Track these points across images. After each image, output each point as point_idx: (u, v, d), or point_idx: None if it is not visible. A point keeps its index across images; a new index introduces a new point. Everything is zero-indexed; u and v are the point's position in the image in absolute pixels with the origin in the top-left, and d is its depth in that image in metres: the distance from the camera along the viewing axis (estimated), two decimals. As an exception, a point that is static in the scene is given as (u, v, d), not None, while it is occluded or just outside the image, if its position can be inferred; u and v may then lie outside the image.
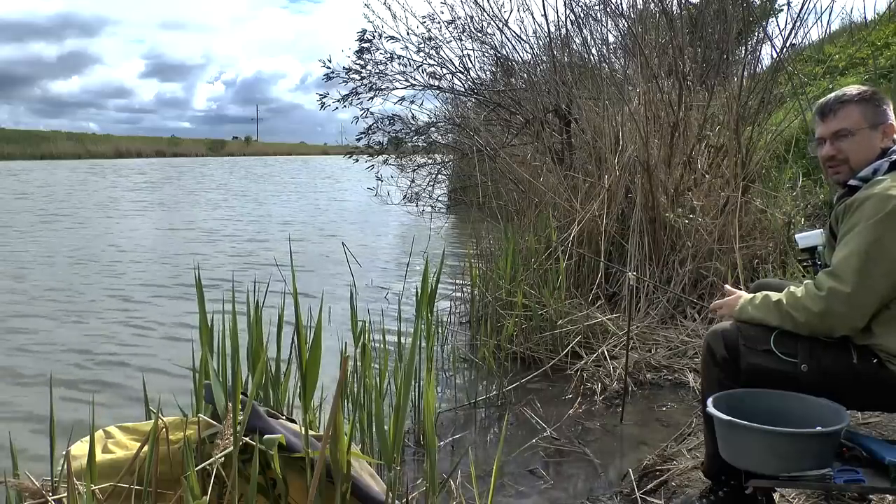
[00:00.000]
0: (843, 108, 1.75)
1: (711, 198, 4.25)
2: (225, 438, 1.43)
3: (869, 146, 1.72)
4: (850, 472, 1.52)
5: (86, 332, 4.45)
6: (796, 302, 1.66)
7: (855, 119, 1.73)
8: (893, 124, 1.74)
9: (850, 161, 1.74)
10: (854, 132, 1.73)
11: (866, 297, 1.58)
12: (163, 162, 42.32)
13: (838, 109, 1.75)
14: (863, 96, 1.74)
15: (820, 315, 1.61)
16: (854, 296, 1.57)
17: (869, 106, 1.73)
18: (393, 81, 8.15)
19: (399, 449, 1.73)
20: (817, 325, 1.63)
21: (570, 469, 2.45)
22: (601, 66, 5.71)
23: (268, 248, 8.15)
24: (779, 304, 1.69)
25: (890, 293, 1.58)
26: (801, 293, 1.66)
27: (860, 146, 1.73)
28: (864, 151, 1.72)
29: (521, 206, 5.36)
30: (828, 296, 1.60)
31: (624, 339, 3.30)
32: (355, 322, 2.38)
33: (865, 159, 1.72)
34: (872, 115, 1.73)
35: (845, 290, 1.57)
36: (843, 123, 1.74)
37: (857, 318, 1.60)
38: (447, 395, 3.18)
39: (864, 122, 1.73)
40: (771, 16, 5.18)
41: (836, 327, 1.62)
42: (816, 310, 1.61)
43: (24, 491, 1.38)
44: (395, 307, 3.33)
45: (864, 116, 1.73)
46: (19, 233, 9.45)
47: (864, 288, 1.57)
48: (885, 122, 1.73)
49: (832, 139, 1.76)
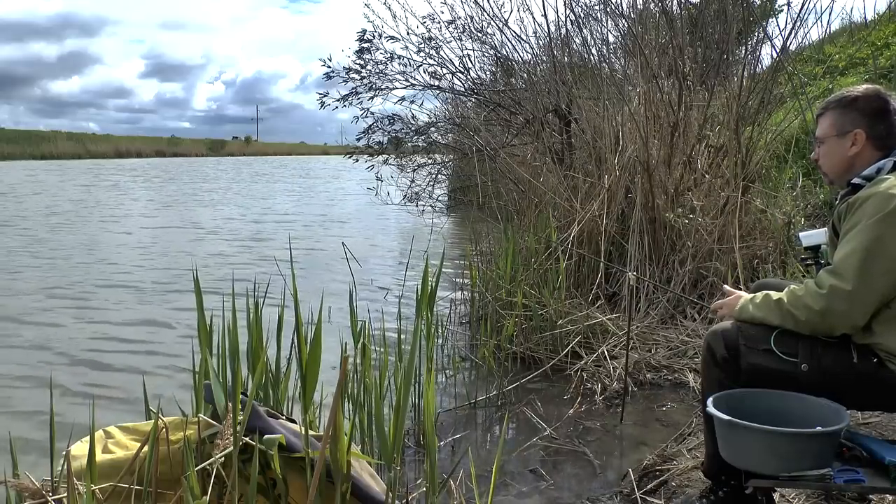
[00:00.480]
0: (824, 114, 1.79)
1: (711, 198, 4.25)
2: (225, 438, 1.43)
3: (835, 155, 1.76)
4: (850, 472, 1.52)
5: (86, 332, 4.45)
6: (797, 300, 1.65)
7: (825, 128, 1.78)
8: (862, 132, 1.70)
9: (823, 168, 1.80)
10: (824, 140, 1.78)
11: (867, 295, 1.57)
12: (163, 162, 42.33)
13: (820, 116, 1.81)
14: (841, 102, 1.75)
15: (821, 313, 1.61)
16: (855, 293, 1.57)
17: (842, 113, 1.74)
18: (393, 81, 8.14)
19: (399, 449, 1.73)
20: (818, 323, 1.63)
21: (570, 469, 2.45)
22: (601, 66, 5.71)
23: (268, 247, 8.14)
24: (780, 303, 1.69)
25: (890, 291, 1.58)
26: (802, 292, 1.66)
27: (828, 155, 1.78)
28: (830, 159, 1.77)
29: (521, 206, 5.36)
30: (829, 294, 1.59)
31: (624, 339, 3.30)
32: (355, 322, 2.38)
33: (832, 167, 1.77)
34: (841, 124, 1.74)
35: (846, 288, 1.57)
36: (819, 131, 1.80)
37: (857, 315, 1.60)
38: (447, 395, 3.18)
39: (833, 131, 1.76)
40: (771, 16, 5.18)
41: (837, 325, 1.62)
42: (817, 308, 1.61)
43: (24, 491, 1.38)
44: (395, 307, 3.33)
45: (834, 125, 1.75)
46: (20, 232, 9.45)
47: (865, 286, 1.56)
48: (854, 129, 1.71)
49: (816, 143, 1.82)
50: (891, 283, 1.57)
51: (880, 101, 1.72)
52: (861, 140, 1.71)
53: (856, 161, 1.72)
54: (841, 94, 1.77)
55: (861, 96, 1.73)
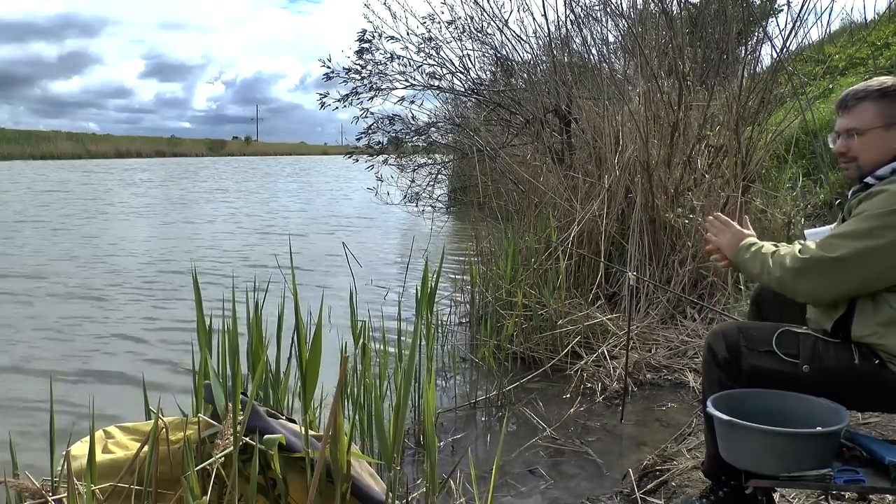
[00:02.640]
0: (858, 104, 1.66)
1: (711, 198, 4.25)
2: (225, 438, 1.43)
3: (880, 147, 1.64)
4: (850, 472, 1.51)
5: (86, 332, 4.45)
6: (778, 258, 1.68)
7: (868, 118, 1.64)
8: None
9: (858, 160, 1.67)
10: (865, 132, 1.65)
11: (842, 274, 1.57)
12: (163, 162, 42.31)
13: (853, 106, 1.67)
14: (884, 91, 1.63)
15: (793, 272, 1.62)
16: (832, 268, 1.57)
17: (887, 103, 1.63)
18: (393, 81, 8.15)
19: (399, 449, 1.73)
20: (787, 282, 1.64)
21: (571, 469, 2.45)
22: (601, 66, 5.71)
23: (268, 247, 8.15)
24: (766, 257, 1.71)
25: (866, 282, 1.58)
26: (787, 251, 1.68)
27: (870, 147, 1.64)
28: (873, 152, 1.64)
29: (521, 206, 5.36)
30: (808, 259, 1.61)
31: (624, 339, 3.30)
32: (355, 322, 2.38)
33: (874, 161, 1.64)
34: (889, 114, 1.62)
35: (827, 259, 1.58)
36: (855, 122, 1.66)
37: (824, 290, 1.61)
38: (447, 395, 3.18)
39: (879, 121, 1.63)
40: (771, 16, 5.19)
41: (802, 291, 1.64)
42: (791, 266, 1.62)
43: (24, 491, 1.38)
44: (395, 307, 3.33)
45: (880, 115, 1.63)
46: (20, 232, 9.45)
47: (844, 265, 1.56)
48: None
49: (845, 135, 1.69)
50: (870, 275, 1.56)
51: None
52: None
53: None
54: (880, 84, 1.65)
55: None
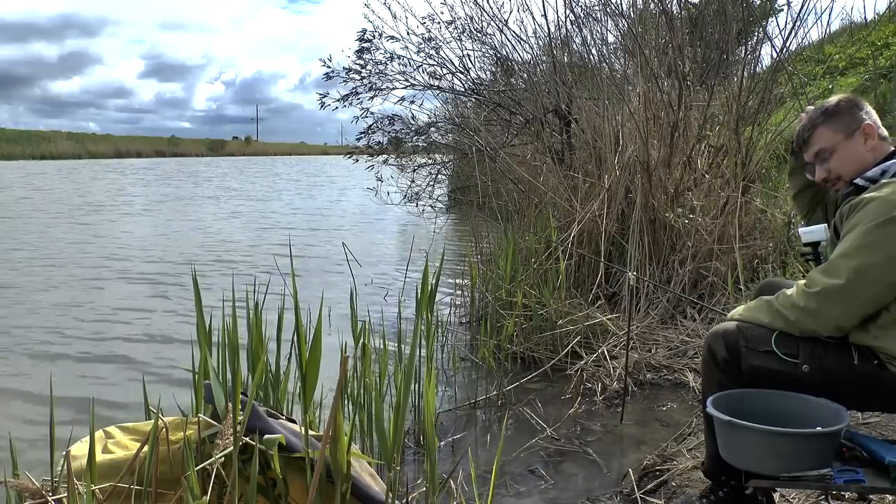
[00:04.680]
0: (813, 133, 1.77)
1: (711, 198, 4.25)
2: (225, 438, 1.43)
3: (854, 155, 1.72)
4: (850, 472, 1.51)
5: (85, 332, 4.44)
6: (787, 300, 1.66)
7: (828, 137, 1.75)
8: (870, 123, 1.73)
9: (842, 176, 1.75)
10: (833, 148, 1.74)
11: (856, 298, 1.57)
12: (163, 162, 42.32)
13: (810, 137, 1.78)
14: (827, 112, 1.75)
15: (809, 311, 1.61)
16: (845, 295, 1.57)
17: (837, 118, 1.74)
18: (393, 81, 8.14)
19: (399, 449, 1.73)
20: (806, 321, 1.63)
21: (570, 469, 2.45)
22: (601, 67, 5.71)
23: (268, 248, 8.14)
24: (770, 303, 1.70)
25: (881, 298, 1.57)
26: (792, 291, 1.67)
27: (845, 158, 1.74)
28: (851, 163, 1.73)
29: (521, 206, 5.36)
30: (819, 293, 1.60)
31: (624, 339, 3.30)
32: (355, 322, 2.38)
33: (855, 171, 1.72)
34: (844, 125, 1.73)
35: (837, 288, 1.57)
36: (818, 145, 1.77)
37: (844, 317, 1.60)
38: (447, 395, 3.18)
39: (839, 135, 1.73)
40: (771, 16, 5.19)
41: (824, 325, 1.62)
42: (806, 306, 1.62)
43: (24, 491, 1.38)
44: (395, 307, 3.33)
45: (837, 130, 1.74)
46: (20, 231, 9.45)
47: (855, 288, 1.56)
48: (859, 125, 1.72)
49: (818, 161, 1.78)
50: (881, 291, 1.56)
51: (855, 98, 1.77)
52: (872, 131, 1.72)
53: (874, 153, 1.71)
54: (821, 109, 1.77)
55: (841, 100, 1.77)
